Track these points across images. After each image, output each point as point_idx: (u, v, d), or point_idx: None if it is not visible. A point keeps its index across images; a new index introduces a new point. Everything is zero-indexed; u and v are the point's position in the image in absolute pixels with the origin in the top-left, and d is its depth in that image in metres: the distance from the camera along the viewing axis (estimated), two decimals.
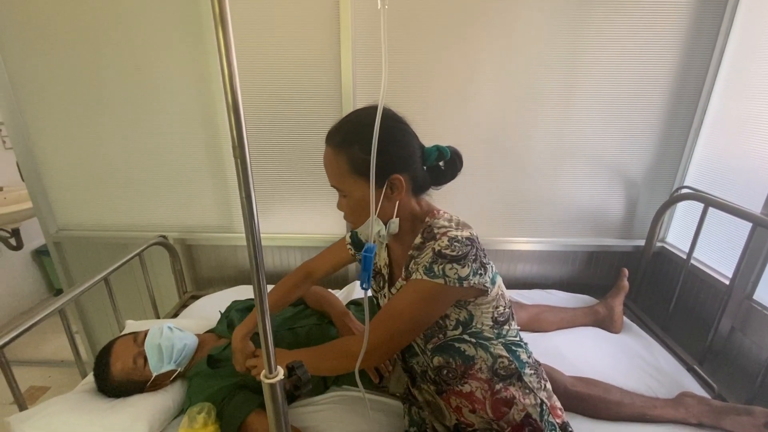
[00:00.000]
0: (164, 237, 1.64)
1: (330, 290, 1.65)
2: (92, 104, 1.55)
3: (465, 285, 0.75)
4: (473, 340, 0.83)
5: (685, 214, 1.64)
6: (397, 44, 1.47)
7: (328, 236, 1.72)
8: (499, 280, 0.86)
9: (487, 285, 0.79)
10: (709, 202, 1.39)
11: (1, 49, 1.48)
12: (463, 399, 0.85)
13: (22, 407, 1.03)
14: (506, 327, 0.86)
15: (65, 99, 1.54)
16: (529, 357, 0.89)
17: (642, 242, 1.69)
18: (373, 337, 0.79)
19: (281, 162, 1.63)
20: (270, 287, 1.47)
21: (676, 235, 1.69)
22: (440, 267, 0.75)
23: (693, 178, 1.61)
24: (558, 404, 0.92)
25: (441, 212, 0.85)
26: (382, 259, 0.96)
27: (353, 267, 1.77)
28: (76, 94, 1.53)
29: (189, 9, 1.43)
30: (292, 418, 1.05)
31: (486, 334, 0.83)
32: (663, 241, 1.73)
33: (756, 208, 1.26)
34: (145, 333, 1.14)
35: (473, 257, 0.76)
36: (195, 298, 1.68)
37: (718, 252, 1.46)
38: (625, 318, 1.49)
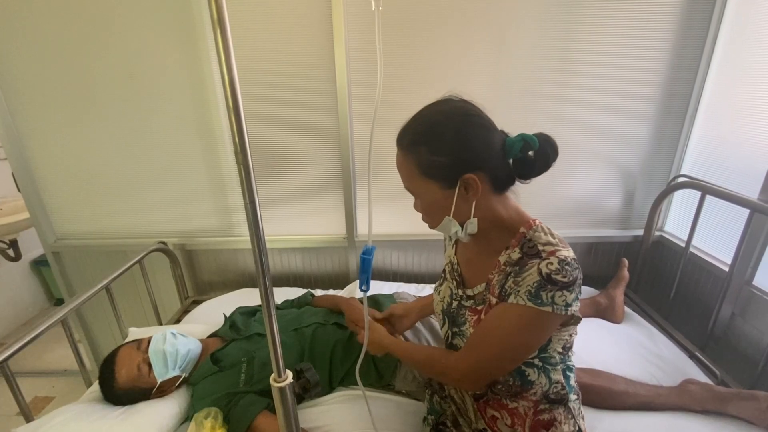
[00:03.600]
0: (164, 243, 1.64)
1: (337, 292, 1.66)
2: (87, 112, 1.54)
3: (569, 312, 0.70)
4: (540, 364, 0.79)
5: (682, 202, 1.65)
6: (390, 43, 1.47)
7: (328, 237, 1.72)
8: None
9: (579, 314, 0.75)
10: (706, 189, 1.40)
11: None
12: (504, 412, 0.83)
13: (28, 418, 1.03)
14: (569, 353, 0.84)
15: (59, 108, 1.53)
16: (575, 382, 0.87)
17: (641, 232, 1.70)
18: (473, 360, 0.77)
19: (278, 164, 1.62)
20: (275, 290, 1.48)
21: (675, 224, 1.70)
22: (549, 294, 0.69)
23: (689, 167, 1.62)
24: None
25: (537, 222, 0.77)
26: (447, 257, 0.93)
27: (353, 266, 1.77)
28: (70, 103, 1.52)
29: (182, 15, 1.42)
30: (299, 419, 1.05)
31: (553, 360, 0.80)
32: (661, 230, 1.74)
33: (753, 195, 1.27)
34: (149, 340, 1.14)
35: (579, 282, 0.71)
36: (197, 303, 1.68)
37: (716, 239, 1.47)
38: (626, 308, 1.50)
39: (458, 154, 0.71)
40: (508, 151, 0.75)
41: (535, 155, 0.76)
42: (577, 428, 0.85)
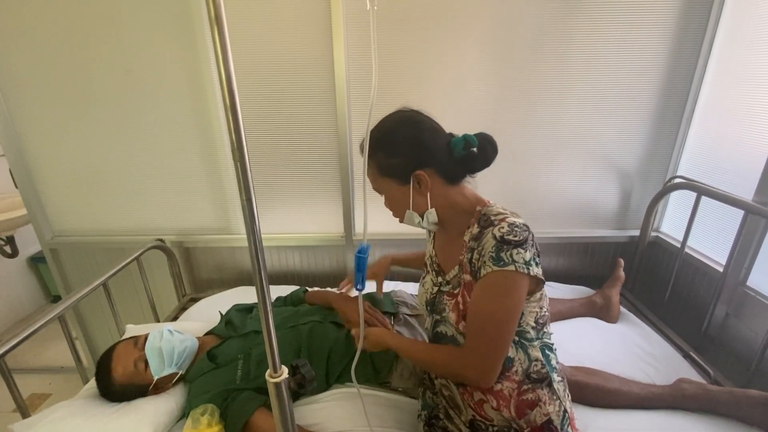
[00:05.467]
0: (161, 240, 1.64)
1: (329, 289, 1.66)
2: (84, 108, 1.54)
3: (530, 272, 0.77)
4: (517, 338, 0.84)
5: (678, 203, 1.66)
6: (390, 43, 1.47)
7: (326, 235, 1.72)
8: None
9: (542, 276, 0.80)
10: (701, 191, 1.41)
11: None
12: (489, 395, 0.86)
13: (25, 414, 1.03)
14: (545, 330, 0.88)
15: (57, 104, 1.53)
16: (557, 363, 0.90)
17: (637, 232, 1.71)
18: (472, 352, 0.81)
19: (277, 162, 1.63)
20: (272, 288, 1.46)
21: (670, 225, 1.71)
22: (507, 254, 0.76)
23: (685, 168, 1.63)
24: (575, 416, 0.93)
25: (491, 202, 0.88)
26: (427, 253, 1.00)
27: (351, 264, 1.78)
28: (67, 99, 1.52)
29: (180, 11, 1.42)
30: (296, 416, 1.05)
31: (529, 335, 0.84)
32: (657, 230, 1.75)
33: (747, 196, 1.28)
34: (146, 337, 1.14)
35: (531, 242, 0.79)
36: (194, 300, 1.68)
37: (711, 240, 1.48)
38: (621, 307, 1.50)
39: (408, 155, 0.83)
40: (453, 149, 0.85)
41: (477, 152, 0.86)
42: (562, 410, 0.87)
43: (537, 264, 0.79)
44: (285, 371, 0.46)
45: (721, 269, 1.37)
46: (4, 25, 1.43)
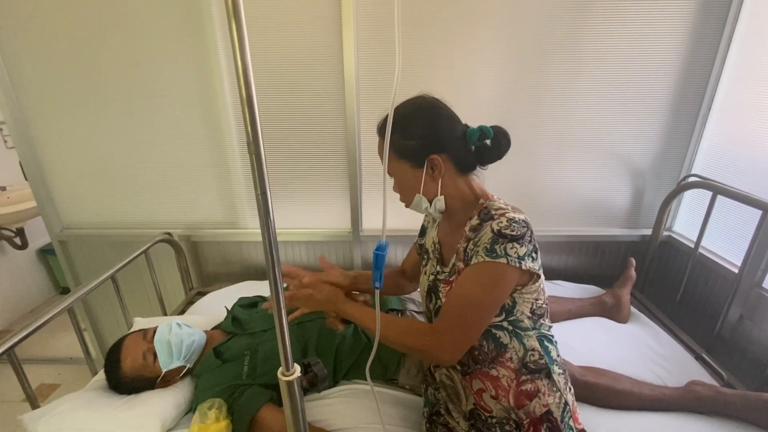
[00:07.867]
0: (169, 234, 1.64)
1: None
2: (94, 101, 1.54)
3: (523, 266, 0.77)
4: (510, 327, 0.85)
5: (692, 202, 1.63)
6: (403, 38, 1.45)
7: (333, 231, 1.72)
8: (542, 274, 0.87)
9: (538, 271, 0.81)
10: (717, 190, 1.38)
11: (1, 48, 1.46)
12: (488, 382, 0.86)
13: (34, 405, 1.04)
14: (541, 321, 0.88)
15: (66, 97, 1.53)
16: (558, 355, 0.90)
17: (649, 232, 1.69)
18: (444, 331, 0.81)
19: (285, 157, 1.62)
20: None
21: (684, 224, 1.68)
22: (501, 247, 0.77)
23: (701, 166, 1.59)
24: (578, 410, 0.92)
25: (495, 196, 0.89)
26: (430, 238, 1.00)
27: (357, 260, 1.77)
28: (77, 92, 1.52)
29: (189, 4, 1.41)
30: None
31: (523, 324, 0.85)
32: (670, 230, 1.72)
33: (765, 195, 1.25)
34: (154, 329, 1.14)
35: (529, 238, 0.79)
36: (201, 294, 1.68)
37: (726, 240, 1.45)
38: (632, 308, 1.48)
39: (425, 138, 0.84)
40: (468, 139, 0.87)
41: (491, 144, 0.87)
42: (563, 402, 0.86)
43: (533, 259, 0.80)
44: (297, 369, 0.45)
45: (735, 270, 1.35)
46: (14, 19, 1.43)
